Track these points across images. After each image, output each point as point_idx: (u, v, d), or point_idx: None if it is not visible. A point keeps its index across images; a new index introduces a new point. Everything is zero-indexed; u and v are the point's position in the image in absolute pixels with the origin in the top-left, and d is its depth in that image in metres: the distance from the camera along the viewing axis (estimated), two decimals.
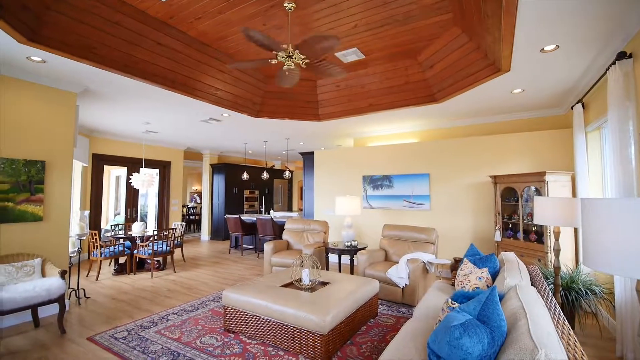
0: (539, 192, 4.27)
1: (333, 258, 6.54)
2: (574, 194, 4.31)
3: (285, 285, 3.51)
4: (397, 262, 4.59)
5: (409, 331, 2.29)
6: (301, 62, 3.22)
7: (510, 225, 4.83)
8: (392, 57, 4.55)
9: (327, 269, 5.56)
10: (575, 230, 4.27)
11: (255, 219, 7.71)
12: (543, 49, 3.18)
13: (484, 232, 5.33)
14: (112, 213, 11.13)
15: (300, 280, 3.54)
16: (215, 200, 10.30)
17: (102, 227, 7.63)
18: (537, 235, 4.34)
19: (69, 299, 4.22)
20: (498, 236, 4.76)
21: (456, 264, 5.10)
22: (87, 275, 5.60)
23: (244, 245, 7.93)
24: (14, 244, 3.55)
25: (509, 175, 4.64)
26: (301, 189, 14.26)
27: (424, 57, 4.46)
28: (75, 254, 4.33)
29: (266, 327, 3.01)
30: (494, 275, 2.88)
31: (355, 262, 5.53)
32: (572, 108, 4.31)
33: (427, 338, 2.15)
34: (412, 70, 4.78)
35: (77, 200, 6.80)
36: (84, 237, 4.32)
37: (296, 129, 6.96)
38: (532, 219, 4.33)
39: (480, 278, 2.77)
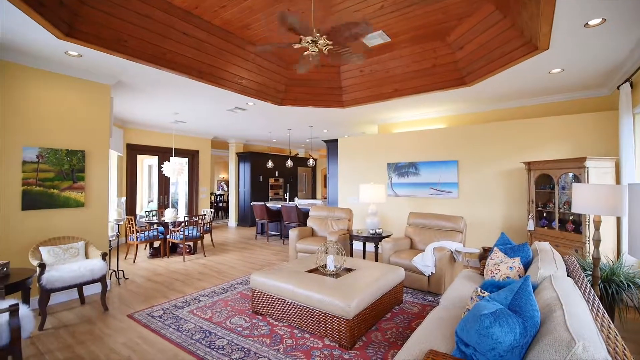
0: (577, 179, 4.02)
1: (357, 245, 6.55)
2: (618, 181, 4.02)
3: (311, 271, 3.57)
4: (423, 251, 4.53)
5: (436, 319, 2.27)
6: (324, 49, 3.18)
7: (544, 214, 4.60)
8: (419, 38, 4.38)
9: (351, 256, 5.58)
10: (618, 219, 4.00)
11: (280, 206, 7.84)
12: (587, 23, 2.93)
13: (515, 221, 5.12)
14: (145, 200, 11.72)
15: (325, 266, 3.58)
16: (241, 188, 10.56)
17: (137, 213, 8.06)
18: (575, 224, 4.11)
19: (110, 279, 4.53)
20: (531, 225, 4.56)
21: (485, 253, 4.96)
22: (125, 258, 5.98)
23: (269, 232, 8.11)
24: (60, 228, 3.84)
25: (544, 161, 4.39)
26: (325, 176, 14.29)
27: (454, 37, 4.26)
28: (114, 238, 4.62)
29: (292, 310, 3.09)
30: (527, 265, 2.77)
31: (379, 250, 5.52)
32: (618, 88, 3.97)
33: (454, 326, 2.12)
34: (440, 52, 4.58)
35: (114, 187, 7.20)
36: (122, 222, 4.58)
37: (319, 117, 6.93)
38: (570, 208, 4.10)
39: (511, 267, 2.68)
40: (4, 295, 2.45)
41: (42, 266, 3.11)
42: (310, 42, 3.08)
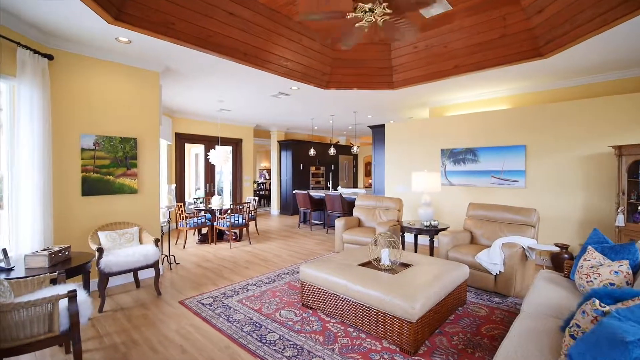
0: None
1: (408, 238, 6.15)
2: None
3: (363, 265, 3.31)
4: (486, 246, 4.06)
5: (525, 330, 1.90)
6: (379, 20, 2.82)
7: (638, 208, 3.88)
8: (485, 4, 3.81)
9: (403, 250, 5.25)
10: None
11: (323, 194, 7.64)
12: None
13: (597, 215, 4.42)
14: (193, 188, 12.19)
15: (379, 260, 3.30)
16: (283, 177, 10.54)
17: (185, 200, 8.34)
18: None
19: (162, 264, 4.64)
20: (621, 220, 3.88)
21: (561, 251, 4.35)
22: (175, 243, 6.17)
23: (312, 221, 7.97)
24: (116, 213, 3.95)
25: None
26: (367, 164, 13.85)
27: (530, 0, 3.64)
28: (165, 224, 4.71)
29: (345, 307, 2.86)
30: (635, 269, 2.27)
31: (435, 244, 5.11)
32: None
33: (552, 340, 1.75)
34: (511, 20, 3.96)
35: (164, 175, 7.46)
36: (172, 209, 4.65)
37: (365, 101, 6.53)
38: None
39: (616, 272, 2.20)
40: (66, 279, 2.49)
41: (100, 250, 3.18)
42: (366, 10, 2.74)
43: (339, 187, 8.20)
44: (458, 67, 4.79)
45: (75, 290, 2.02)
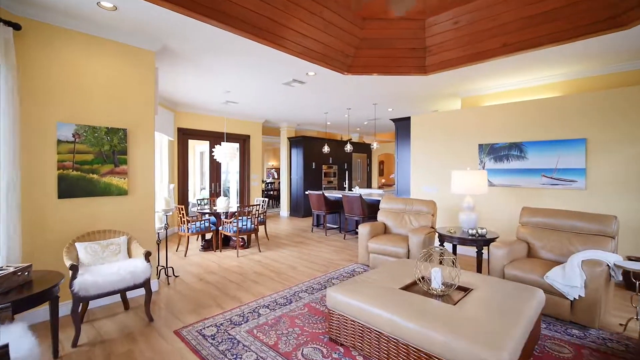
0: None
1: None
2: None
3: (407, 288, 2.58)
4: (549, 260, 3.31)
5: None
6: None
7: None
8: None
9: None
10: None
11: (340, 195, 6.92)
12: None
13: None
14: (198, 188, 11.57)
15: (427, 281, 2.57)
16: (293, 176, 9.84)
17: (189, 201, 7.69)
18: None
19: (158, 277, 3.97)
20: None
21: None
22: (176, 250, 5.51)
23: (327, 224, 7.24)
24: (100, 219, 3.27)
25: None
26: (380, 163, 13.09)
27: None
28: (162, 230, 4.04)
29: (392, 349, 2.14)
30: None
31: (483, 256, 4.35)
32: None
33: None
34: None
35: (165, 173, 6.82)
36: (170, 213, 3.98)
37: (388, 90, 5.79)
38: None
39: None
40: (12, 316, 1.80)
41: (74, 268, 2.50)
42: None
43: (356, 187, 7.47)
44: (507, 46, 4.03)
45: (7, 347, 1.33)
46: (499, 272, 3.33)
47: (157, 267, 4.02)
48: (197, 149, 11.86)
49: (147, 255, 2.91)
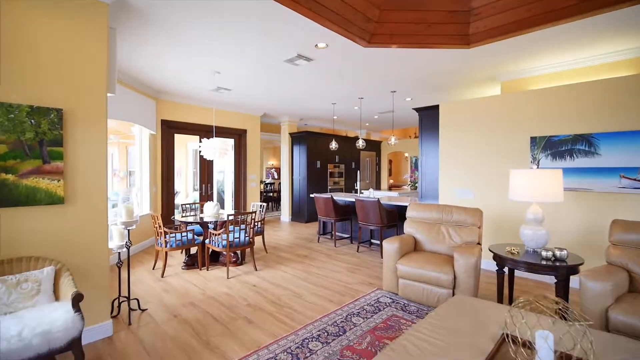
0: None
1: (487, 265, 4.35)
2: None
3: (494, 357, 1.55)
4: None
5: None
6: None
7: None
8: None
9: (477, 295, 3.50)
10: None
11: (352, 199, 5.88)
12: None
13: None
14: (190, 190, 10.52)
15: (527, 346, 1.54)
16: (295, 176, 8.80)
17: (176, 206, 6.65)
18: None
19: (118, 313, 2.94)
20: None
21: None
22: (153, 268, 4.47)
23: (337, 233, 6.18)
24: (18, 241, 2.23)
25: None
26: (390, 162, 12.04)
27: None
28: (123, 249, 3.00)
29: None
30: None
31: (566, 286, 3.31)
32: None
33: None
34: None
35: (145, 174, 5.79)
36: (133, 226, 2.94)
37: (411, 72, 4.75)
38: None
39: None
40: None
41: None
42: None
43: (370, 190, 6.42)
44: (583, 2, 3.00)
45: None
46: (598, 315, 2.30)
47: (114, 302, 3.00)
48: (190, 146, 10.82)
49: (76, 300, 1.87)
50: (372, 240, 5.87)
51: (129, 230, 2.95)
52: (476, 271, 2.99)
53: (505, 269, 3.01)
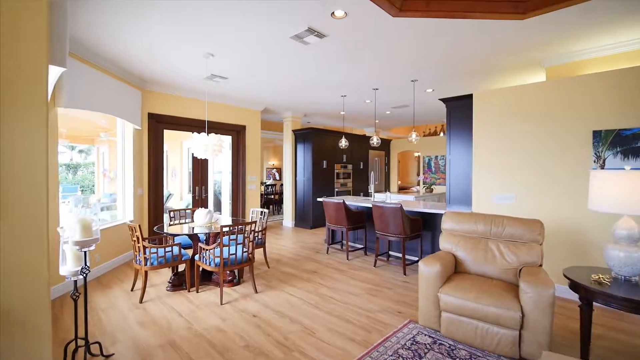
0: None
1: (565, 294, 3.59)
2: None
3: None
4: None
5: None
6: None
7: None
8: None
9: (550, 336, 2.73)
10: None
11: (368, 205, 5.12)
12: None
13: None
14: (185, 194, 9.75)
15: None
16: (299, 177, 8.04)
17: (165, 212, 5.90)
18: None
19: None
20: None
21: None
22: (132, 289, 3.70)
23: (350, 244, 5.39)
24: None
25: None
26: (398, 162, 11.27)
27: None
28: (78, 276, 2.23)
29: None
30: None
31: None
32: None
33: None
34: None
35: (129, 174, 5.03)
36: (92, 247, 2.18)
37: (440, 54, 3.99)
38: None
39: None
40: None
41: None
42: None
43: (388, 194, 5.65)
44: None
45: None
46: None
47: (67, 347, 2.24)
48: (185, 144, 10.05)
49: None
50: (391, 252, 5.11)
51: (85, 252, 2.19)
52: (552, 307, 2.23)
53: (560, 290, 2.25)
